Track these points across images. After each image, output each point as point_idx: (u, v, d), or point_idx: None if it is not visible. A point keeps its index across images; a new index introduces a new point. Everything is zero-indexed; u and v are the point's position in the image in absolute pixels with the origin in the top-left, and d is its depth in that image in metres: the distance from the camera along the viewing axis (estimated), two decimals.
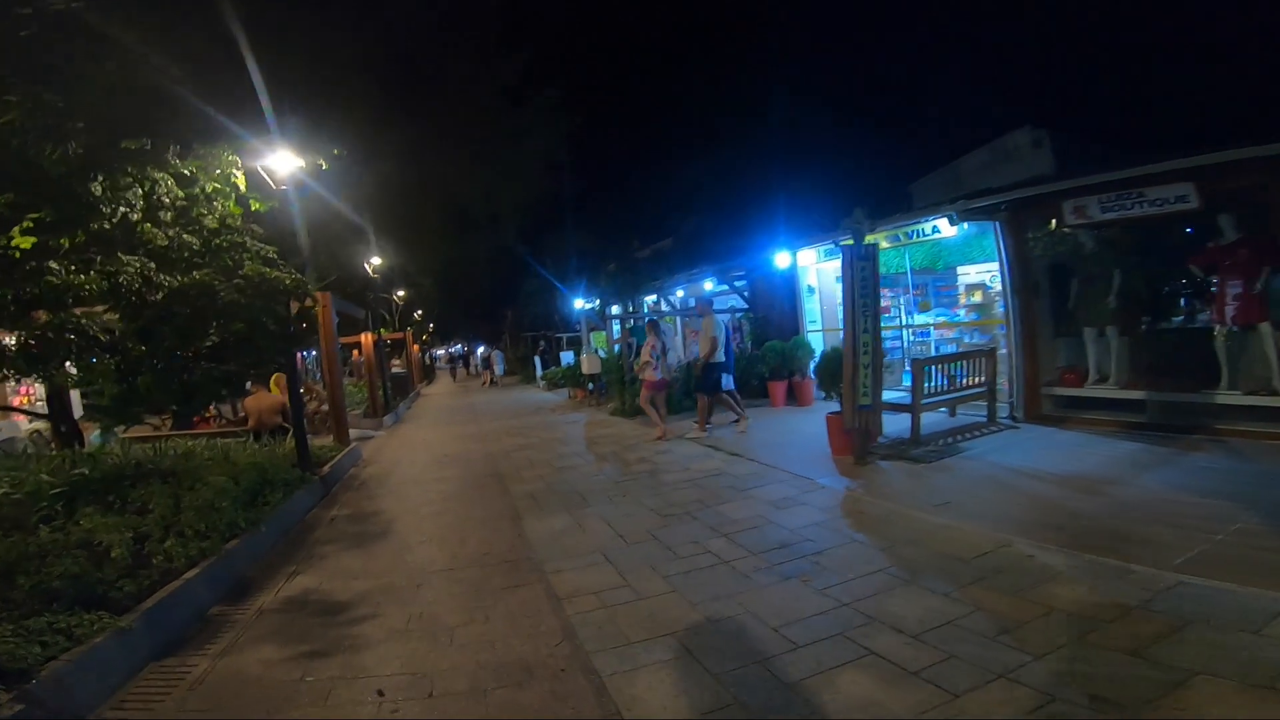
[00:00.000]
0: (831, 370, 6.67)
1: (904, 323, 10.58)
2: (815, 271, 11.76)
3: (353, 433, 11.57)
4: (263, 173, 7.49)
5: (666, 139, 36.92)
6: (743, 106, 30.40)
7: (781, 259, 11.51)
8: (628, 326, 14.28)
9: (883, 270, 11.73)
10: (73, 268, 4.98)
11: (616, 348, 15.71)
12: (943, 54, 22.12)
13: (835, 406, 10.08)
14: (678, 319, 13.17)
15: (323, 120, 8.61)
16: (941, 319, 11.15)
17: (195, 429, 11.49)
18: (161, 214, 5.65)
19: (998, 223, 7.79)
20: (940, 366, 7.42)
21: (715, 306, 14.74)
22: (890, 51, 26.53)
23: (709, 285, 14.25)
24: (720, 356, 8.76)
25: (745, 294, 13.43)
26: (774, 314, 12.77)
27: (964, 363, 7.64)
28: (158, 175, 5.52)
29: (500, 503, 6.26)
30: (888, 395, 7.09)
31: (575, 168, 14.28)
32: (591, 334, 22.12)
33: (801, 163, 18.20)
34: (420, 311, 30.96)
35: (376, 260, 15.05)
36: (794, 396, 11.01)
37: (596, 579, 4.05)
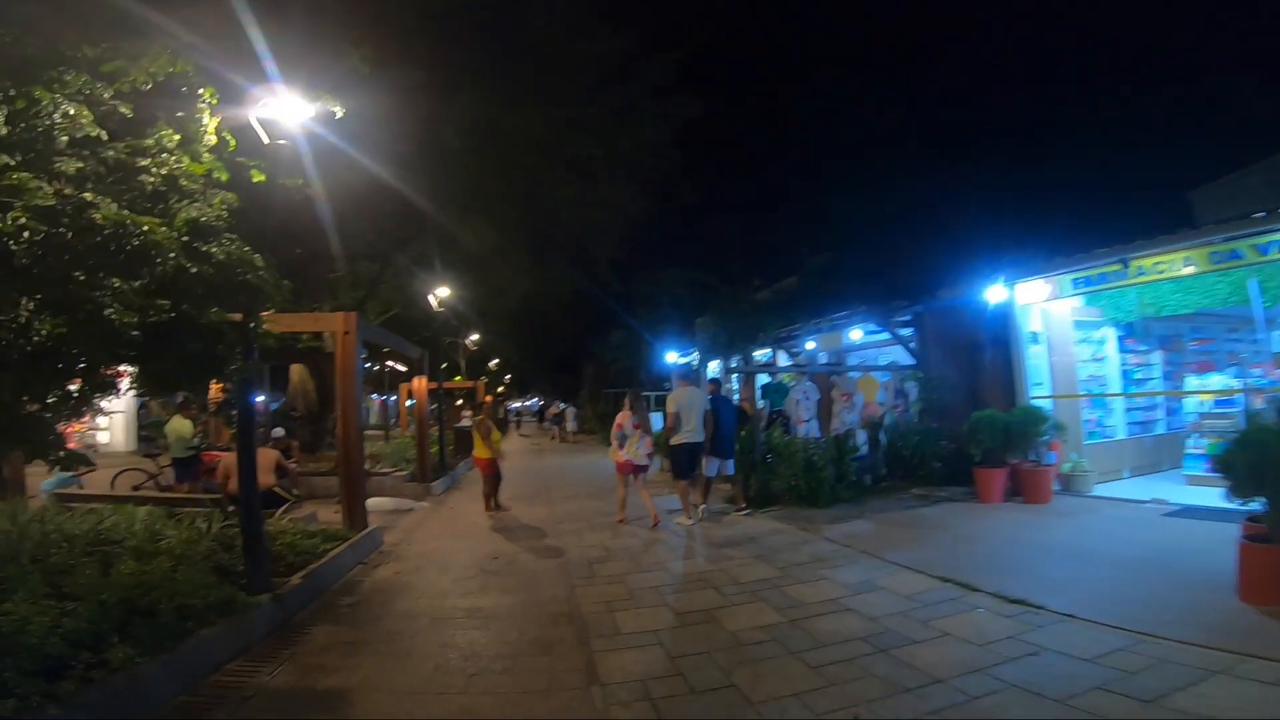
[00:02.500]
0: None
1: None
2: (1040, 313, 8.18)
3: (388, 504, 8.76)
4: (258, 127, 4.96)
5: (799, 151, 31.91)
6: (909, 105, 25.74)
7: (994, 294, 8.06)
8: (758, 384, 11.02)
9: (1205, 303, 7.81)
10: None
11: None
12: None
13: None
14: (806, 379, 9.80)
15: (362, 83, 6.19)
16: None
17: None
18: (63, 164, 3.18)
19: None
20: None
21: (860, 362, 11.24)
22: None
23: (857, 335, 10.86)
24: (692, 436, 7.12)
25: (911, 345, 9.93)
26: (958, 372, 9.21)
27: None
28: (50, 98, 3.14)
29: (584, 703, 3.00)
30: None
31: (682, 185, 11.46)
32: None
33: (1003, 173, 14.24)
34: (496, 361, 28.95)
35: (443, 291, 12.69)
36: (1015, 489, 7.33)
37: None
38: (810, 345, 11.86)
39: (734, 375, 11.05)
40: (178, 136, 3.91)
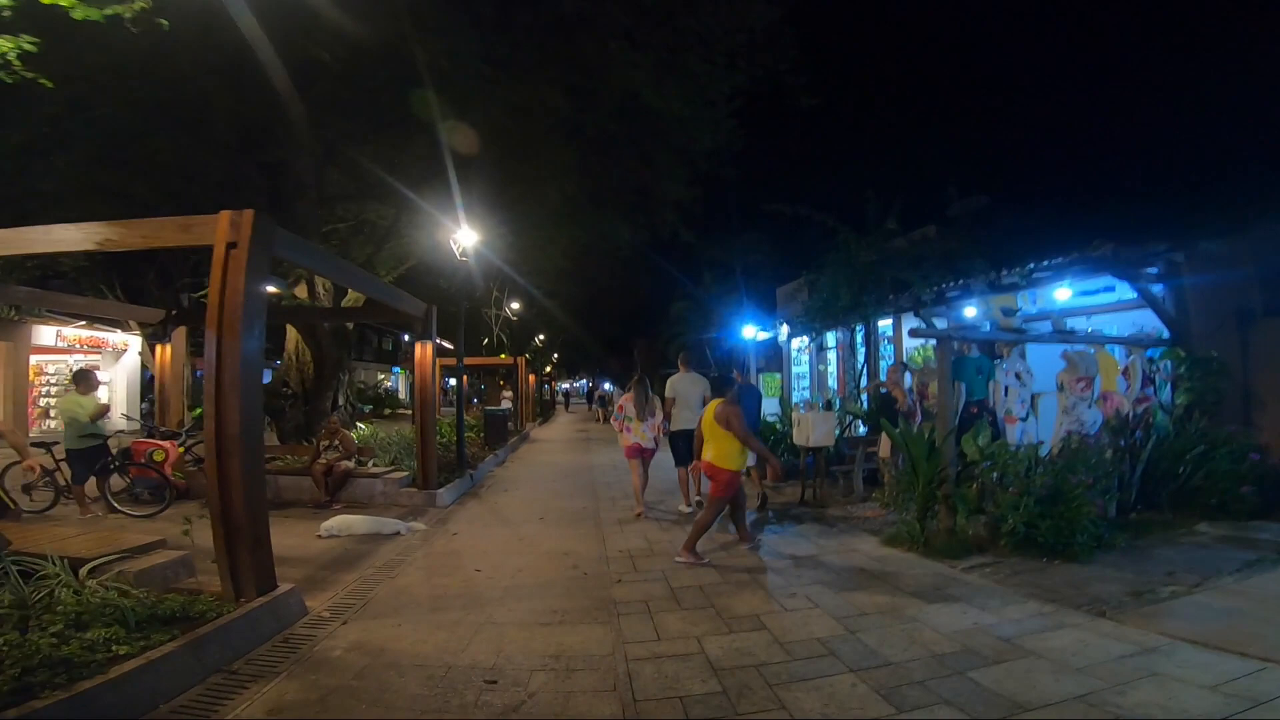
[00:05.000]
0: None
1: None
2: None
3: (360, 525, 5.93)
4: None
5: (958, 60, 24.22)
6: None
7: None
8: (903, 360, 7.65)
9: None
10: None
11: (864, 397, 9.02)
12: None
13: None
14: (1017, 354, 6.32)
15: None
16: None
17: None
18: None
19: None
20: None
21: (1086, 330, 7.55)
22: None
23: (1063, 294, 7.30)
24: (688, 423, 6.34)
25: (1166, 305, 6.42)
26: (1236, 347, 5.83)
27: None
28: None
29: None
30: None
31: (796, 88, 8.06)
32: (761, 376, 15.73)
33: None
34: (542, 337, 26.18)
35: (468, 239, 9.73)
36: None
37: None
38: (970, 311, 8.34)
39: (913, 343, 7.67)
40: None
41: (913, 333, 5.38)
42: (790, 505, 6.90)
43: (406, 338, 27.15)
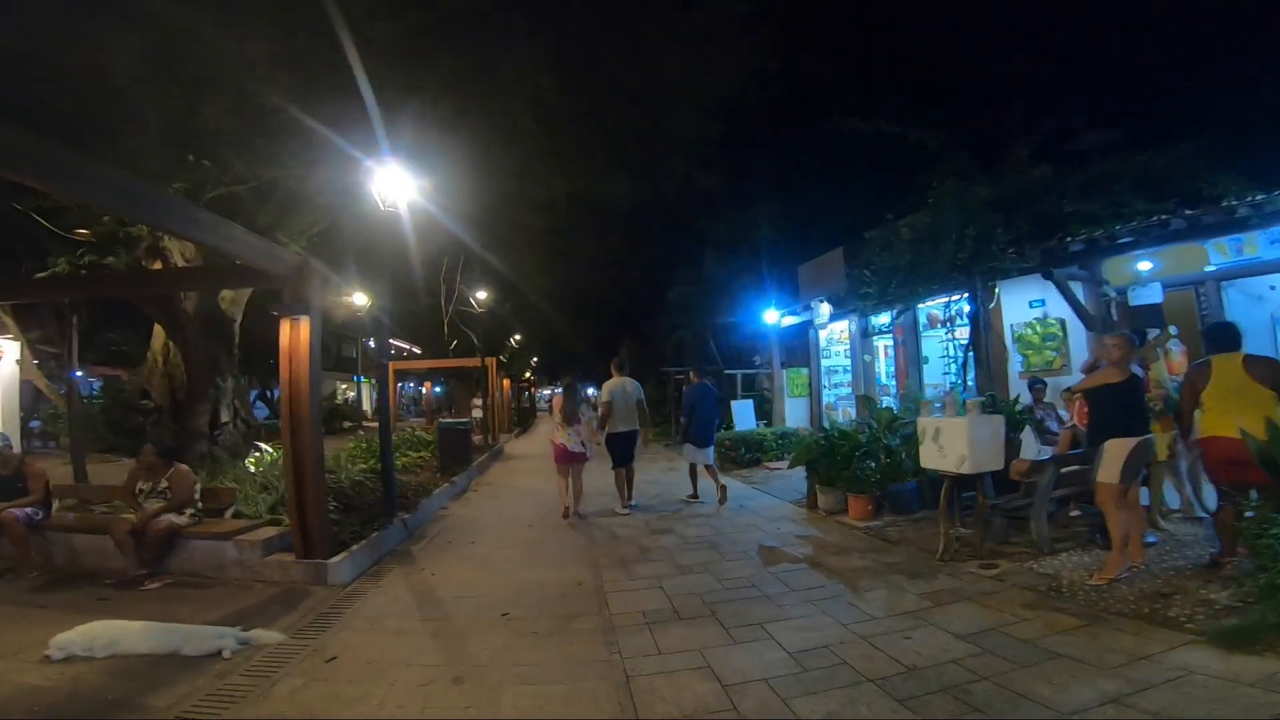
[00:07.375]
0: None
1: None
2: None
3: (146, 635, 3.00)
4: None
5: None
6: None
7: None
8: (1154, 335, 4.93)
9: None
10: None
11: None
12: None
13: None
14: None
15: None
16: None
17: None
18: None
19: None
20: None
21: None
22: None
23: None
24: (625, 425, 6.80)
25: None
26: None
27: None
28: None
29: None
30: None
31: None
32: (786, 371, 12.99)
33: None
34: (519, 336, 23.09)
35: (402, 185, 6.72)
36: None
37: None
38: (1144, 266, 5.67)
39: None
40: None
41: None
42: (917, 560, 4.14)
43: (372, 341, 22.53)
